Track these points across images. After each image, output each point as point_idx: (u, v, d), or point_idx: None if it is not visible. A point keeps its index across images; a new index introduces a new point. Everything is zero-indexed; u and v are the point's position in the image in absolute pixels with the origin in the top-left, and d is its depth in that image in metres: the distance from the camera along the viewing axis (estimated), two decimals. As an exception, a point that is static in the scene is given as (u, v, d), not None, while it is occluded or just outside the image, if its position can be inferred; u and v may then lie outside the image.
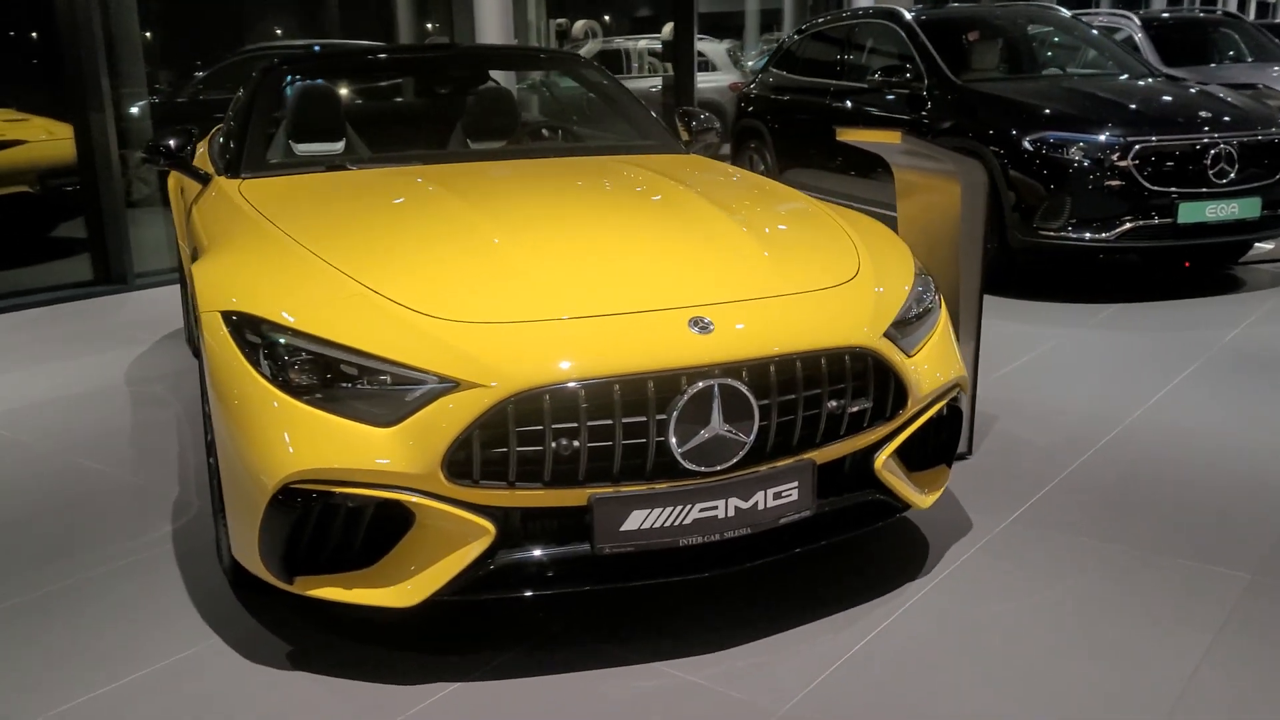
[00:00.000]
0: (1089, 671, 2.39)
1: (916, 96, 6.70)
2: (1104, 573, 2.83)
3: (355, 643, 2.52)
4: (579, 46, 17.33)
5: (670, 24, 19.95)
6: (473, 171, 3.51)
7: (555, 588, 2.37)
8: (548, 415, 2.23)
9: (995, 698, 2.30)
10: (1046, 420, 3.96)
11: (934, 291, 2.92)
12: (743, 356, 2.35)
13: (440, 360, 2.26)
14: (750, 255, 2.71)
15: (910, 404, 2.62)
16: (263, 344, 2.37)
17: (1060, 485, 3.38)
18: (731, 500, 2.36)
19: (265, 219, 2.90)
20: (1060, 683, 2.35)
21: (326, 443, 2.26)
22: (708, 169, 3.72)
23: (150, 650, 2.52)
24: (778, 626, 2.55)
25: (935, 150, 3.40)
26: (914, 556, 2.91)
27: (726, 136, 10.70)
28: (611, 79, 4.44)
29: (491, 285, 2.49)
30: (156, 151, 3.63)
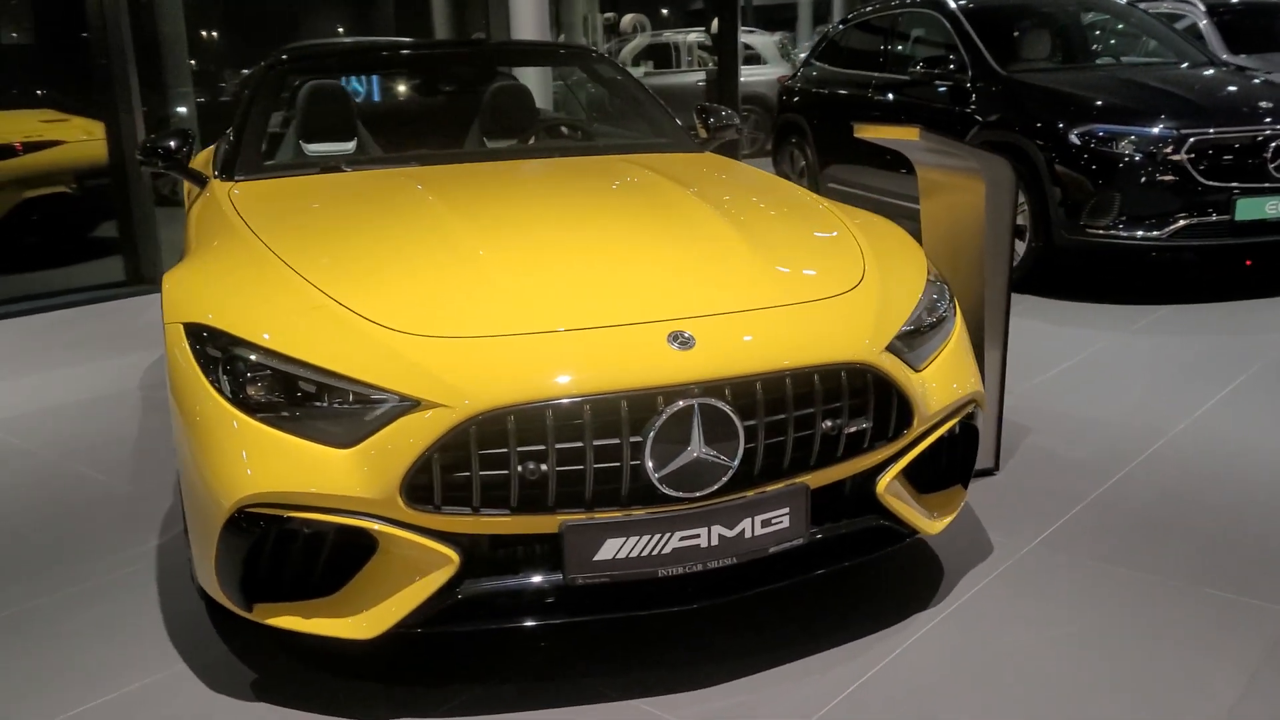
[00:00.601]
0: (1111, 713, 2.19)
1: (960, 89, 6.45)
2: (1132, 604, 2.61)
3: (321, 672, 2.39)
4: (627, 41, 17.20)
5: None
6: (471, 173, 3.37)
7: (525, 620, 2.22)
8: (513, 437, 2.08)
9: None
10: (1082, 433, 3.73)
11: (949, 299, 2.72)
12: (726, 374, 2.18)
13: (401, 378, 2.12)
14: (744, 264, 2.53)
15: (916, 423, 2.43)
16: (222, 359, 2.25)
17: (1091, 505, 3.16)
18: (715, 528, 2.19)
19: (246, 225, 2.78)
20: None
21: (282, 464, 2.14)
22: (717, 169, 3.55)
23: (116, 675, 2.42)
24: (768, 661, 2.38)
25: (958, 147, 3.19)
26: (925, 583, 2.72)
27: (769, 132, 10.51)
28: (626, 75, 4.28)
29: (464, 299, 2.34)
30: (153, 153, 3.54)
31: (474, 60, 4.58)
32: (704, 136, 4.01)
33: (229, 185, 3.28)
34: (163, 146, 3.56)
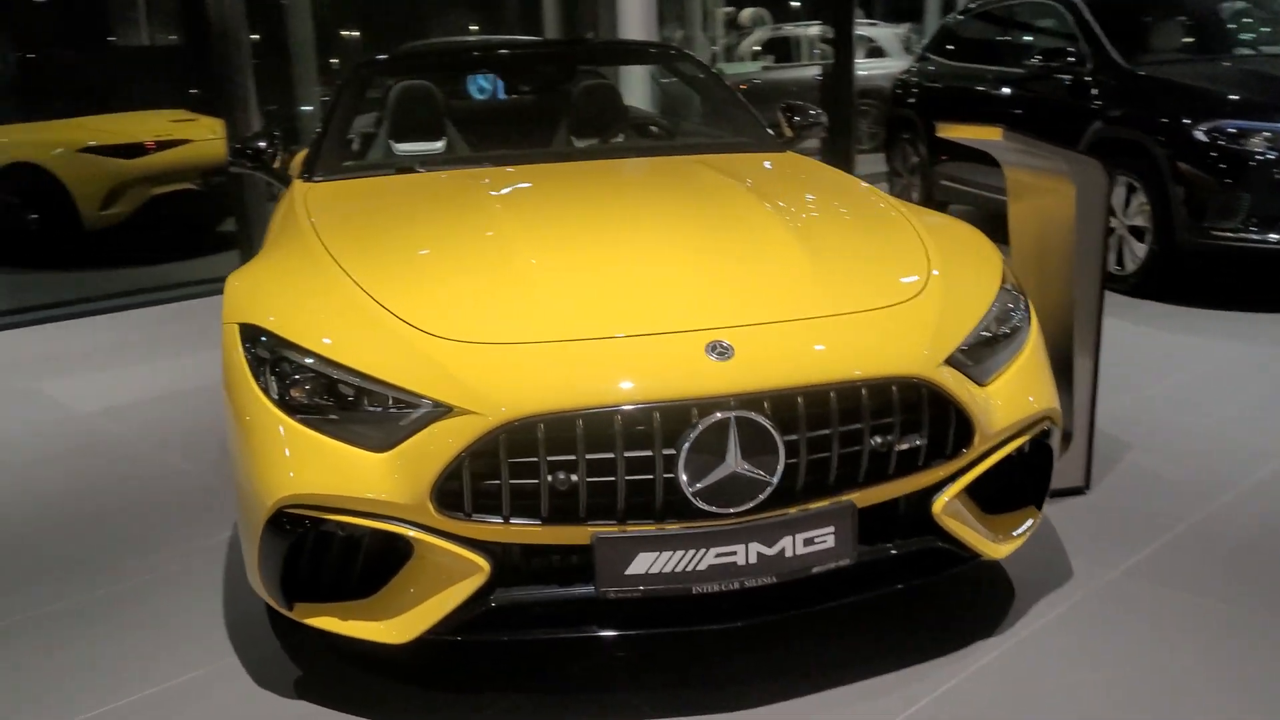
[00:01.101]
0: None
1: (1079, 83, 6.14)
2: (1220, 641, 2.42)
3: (363, 673, 2.40)
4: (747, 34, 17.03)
5: (846, 9, 19.35)
6: (540, 174, 3.35)
7: (557, 632, 2.17)
8: (542, 446, 2.04)
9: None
10: (1187, 452, 3.49)
11: (1024, 310, 2.57)
12: (765, 386, 2.09)
13: (434, 384, 2.10)
14: (798, 273, 2.43)
15: (978, 441, 2.29)
16: (271, 360, 2.27)
17: (1188, 532, 2.94)
18: (753, 545, 2.11)
19: (311, 226, 2.81)
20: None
21: (320, 467, 2.14)
22: (791, 170, 3.43)
23: (168, 666, 2.47)
24: (811, 686, 2.28)
25: (1045, 148, 3.01)
26: (993, 609, 2.58)
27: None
28: (710, 73, 4.19)
29: (505, 305, 2.31)
30: (242, 154, 3.63)
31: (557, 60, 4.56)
32: (788, 135, 3.91)
33: (307, 186, 3.33)
34: (252, 148, 3.65)
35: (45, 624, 2.70)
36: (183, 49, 9.99)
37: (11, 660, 2.55)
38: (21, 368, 5.16)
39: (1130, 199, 5.68)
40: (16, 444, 4.08)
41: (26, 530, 3.30)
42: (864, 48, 15.20)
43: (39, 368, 5.13)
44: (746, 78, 15.24)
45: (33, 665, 2.52)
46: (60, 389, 4.75)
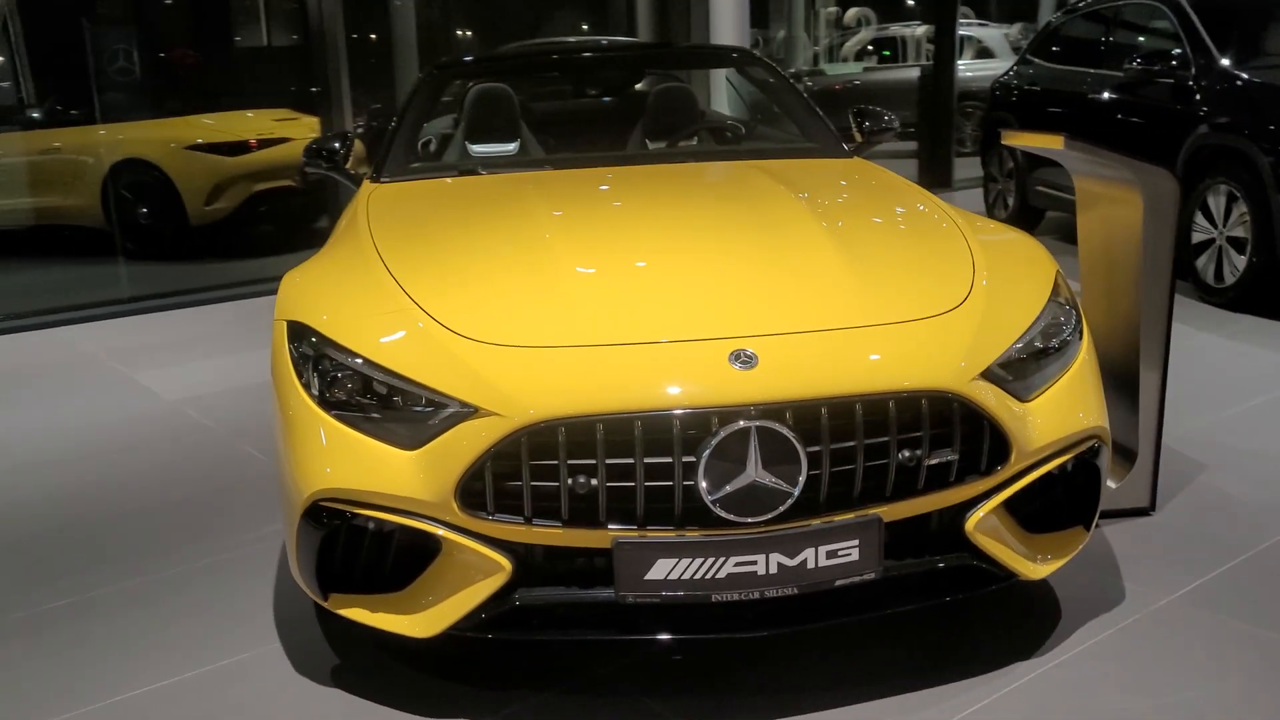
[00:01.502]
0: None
1: (1182, 87, 5.92)
2: (1269, 672, 2.31)
3: (398, 664, 2.46)
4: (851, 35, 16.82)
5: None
6: (596, 178, 3.37)
7: (577, 634, 2.20)
8: (563, 449, 2.06)
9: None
10: (1264, 477, 3.34)
11: (1075, 323, 2.49)
12: (788, 396, 2.07)
13: (462, 385, 2.14)
14: (834, 283, 2.40)
15: (1014, 458, 2.24)
16: (314, 357, 2.34)
17: (1255, 559, 2.82)
18: (774, 556, 2.09)
19: (368, 227, 2.89)
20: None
21: (353, 462, 2.20)
22: (851, 177, 3.38)
23: (214, 649, 2.57)
24: (836, 700, 2.26)
25: (1112, 156, 2.91)
26: (1036, 631, 2.51)
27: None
28: (780, 77, 4.16)
29: (538, 309, 2.33)
30: (317, 154, 3.74)
31: (628, 63, 4.58)
32: (858, 140, 3.86)
33: (373, 187, 3.41)
34: (326, 148, 3.76)
35: (109, 602, 2.83)
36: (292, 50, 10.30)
37: (77, 634, 2.68)
38: (121, 355, 5.40)
39: (1231, 209, 5.45)
40: (107, 429, 4.27)
41: (107, 513, 3.45)
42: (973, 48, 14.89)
43: (136, 356, 5.36)
44: (847, 78, 15.06)
45: (95, 641, 2.64)
46: (153, 377, 4.96)
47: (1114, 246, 3.05)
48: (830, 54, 16.99)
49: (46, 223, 8.24)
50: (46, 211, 8.21)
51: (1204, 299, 5.60)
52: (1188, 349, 4.81)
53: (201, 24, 10.29)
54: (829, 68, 16.15)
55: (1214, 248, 5.57)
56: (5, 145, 8.33)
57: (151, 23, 9.79)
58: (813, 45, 17.11)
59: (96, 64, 8.16)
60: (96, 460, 3.92)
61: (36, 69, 8.70)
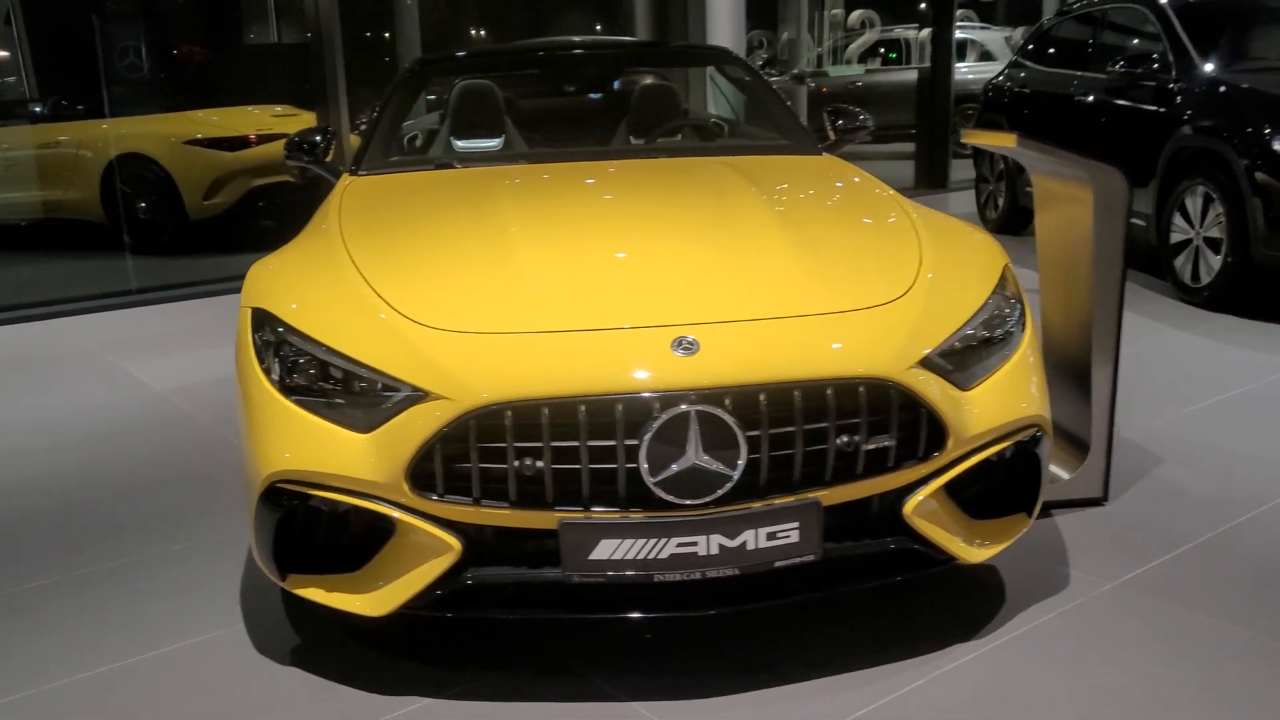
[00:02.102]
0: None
1: (1162, 90, 5.98)
2: (1208, 658, 2.38)
3: (356, 644, 2.53)
4: (855, 37, 16.87)
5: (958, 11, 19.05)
6: (567, 172, 3.44)
7: (524, 612, 2.27)
8: (510, 433, 2.13)
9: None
10: (1224, 469, 3.40)
11: (1019, 317, 2.56)
12: (726, 382, 2.14)
13: (413, 370, 2.22)
14: (780, 273, 2.47)
15: (951, 445, 2.31)
16: (274, 343, 2.41)
17: (1200, 548, 2.89)
18: (714, 537, 2.17)
19: (337, 218, 2.96)
20: (1081, 788, 2.00)
21: (309, 445, 2.28)
22: (815, 173, 3.44)
23: (180, 629, 2.64)
24: (779, 679, 2.33)
25: (1064, 155, 2.97)
26: (978, 614, 2.58)
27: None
28: (757, 76, 4.23)
29: (490, 296, 2.41)
30: (298, 148, 3.82)
31: (608, 62, 4.65)
32: (831, 139, 3.93)
33: (350, 179, 3.49)
34: (308, 142, 3.84)
35: (84, 583, 2.92)
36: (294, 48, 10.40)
37: (49, 614, 2.76)
38: (113, 347, 5.49)
39: (1208, 210, 5.51)
40: (96, 416, 4.36)
41: (90, 495, 3.54)
42: (976, 51, 14.95)
43: (128, 347, 5.45)
44: (850, 80, 15.13)
45: (66, 621, 2.72)
46: (143, 367, 5.05)
47: (1069, 244, 3.11)
48: (834, 55, 17.05)
49: (47, 216, 8.36)
50: (47, 205, 8.33)
51: (1182, 298, 5.67)
52: (1161, 347, 4.88)
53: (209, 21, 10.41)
54: (832, 70, 16.21)
55: (1191, 248, 5.63)
56: (7, 139, 8.44)
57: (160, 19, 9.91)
58: (816, 46, 17.16)
59: (105, 60, 8.27)
60: (81, 447, 4.01)
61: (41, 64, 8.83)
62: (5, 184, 8.34)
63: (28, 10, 8.87)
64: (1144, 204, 6.04)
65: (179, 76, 9.65)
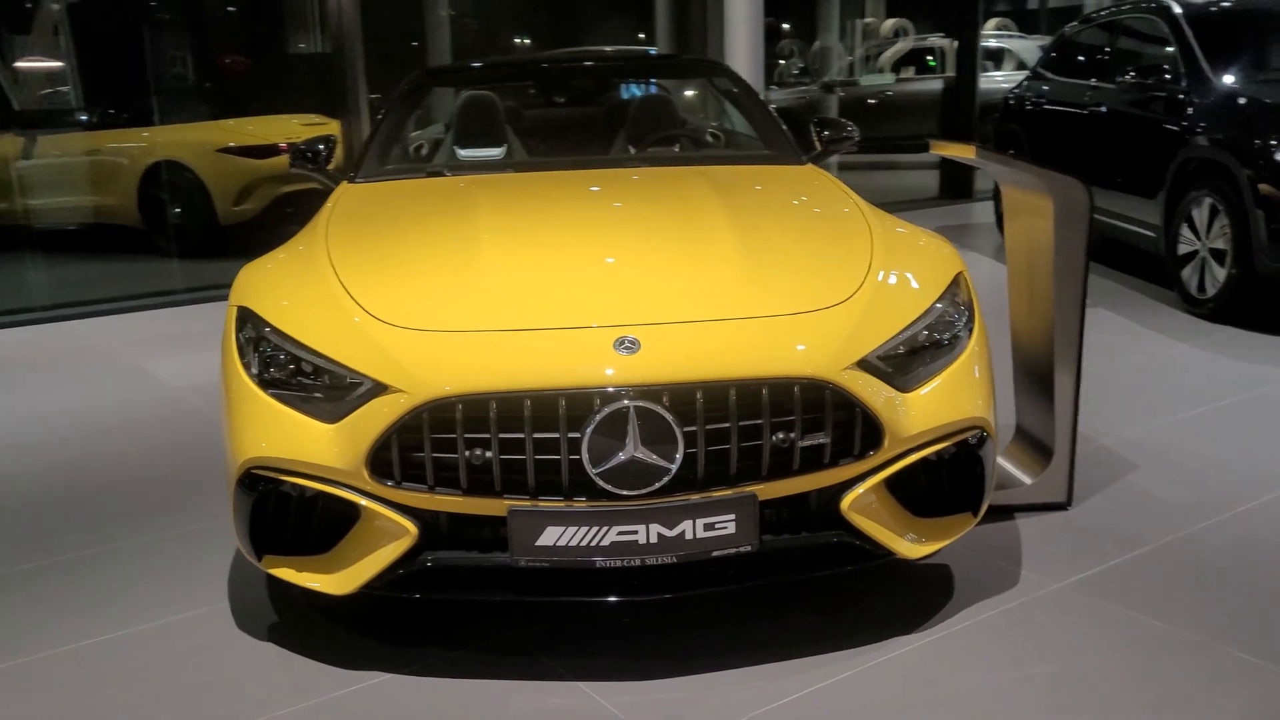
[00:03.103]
0: (1039, 764, 2.10)
1: (1173, 101, 6.00)
2: (1137, 653, 2.46)
3: (329, 623, 2.68)
4: (887, 46, 16.89)
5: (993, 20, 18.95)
6: (547, 180, 3.57)
7: (476, 594, 2.41)
8: (460, 424, 2.27)
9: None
10: (1194, 478, 3.45)
11: (966, 322, 2.65)
12: (663, 380, 2.26)
13: (376, 364, 2.36)
14: (727, 277, 2.59)
15: (888, 444, 2.40)
16: (255, 339, 2.57)
17: (1153, 552, 2.95)
18: (653, 526, 2.29)
19: (326, 223, 3.12)
20: (993, 771, 2.09)
21: (280, 434, 2.43)
22: (788, 182, 3.54)
23: (166, 606, 2.80)
24: (719, 664, 2.44)
25: (1023, 166, 3.06)
26: (921, 607, 2.67)
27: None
28: (744, 87, 4.34)
29: (451, 297, 2.56)
30: (302, 155, 3.99)
31: (603, 73, 4.79)
32: (817, 149, 4.02)
33: (346, 186, 3.65)
34: (311, 150, 4.01)
35: (80, 564, 3.09)
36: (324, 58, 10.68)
37: (43, 591, 2.93)
38: (135, 346, 5.71)
39: (1214, 221, 5.53)
40: (112, 411, 4.56)
41: (100, 483, 3.73)
42: (1013, 61, 14.92)
43: (149, 347, 5.67)
44: (880, 89, 15.16)
45: (58, 598, 2.90)
46: (161, 366, 5.25)
47: (1032, 252, 3.19)
48: (867, 64, 17.08)
49: (88, 221, 8.65)
50: (87, 210, 8.62)
51: (1188, 310, 5.68)
52: (1158, 357, 4.92)
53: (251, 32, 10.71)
54: (863, 79, 16.24)
55: (1198, 260, 5.65)
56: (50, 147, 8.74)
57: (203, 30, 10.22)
58: (848, 55, 17.20)
59: (152, 69, 8.55)
60: (94, 439, 4.20)
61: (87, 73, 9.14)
62: (50, 189, 8.63)
63: (74, 22, 9.19)
64: (1153, 215, 6.07)
65: (222, 85, 9.94)
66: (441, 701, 2.35)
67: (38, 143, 8.55)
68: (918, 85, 14.55)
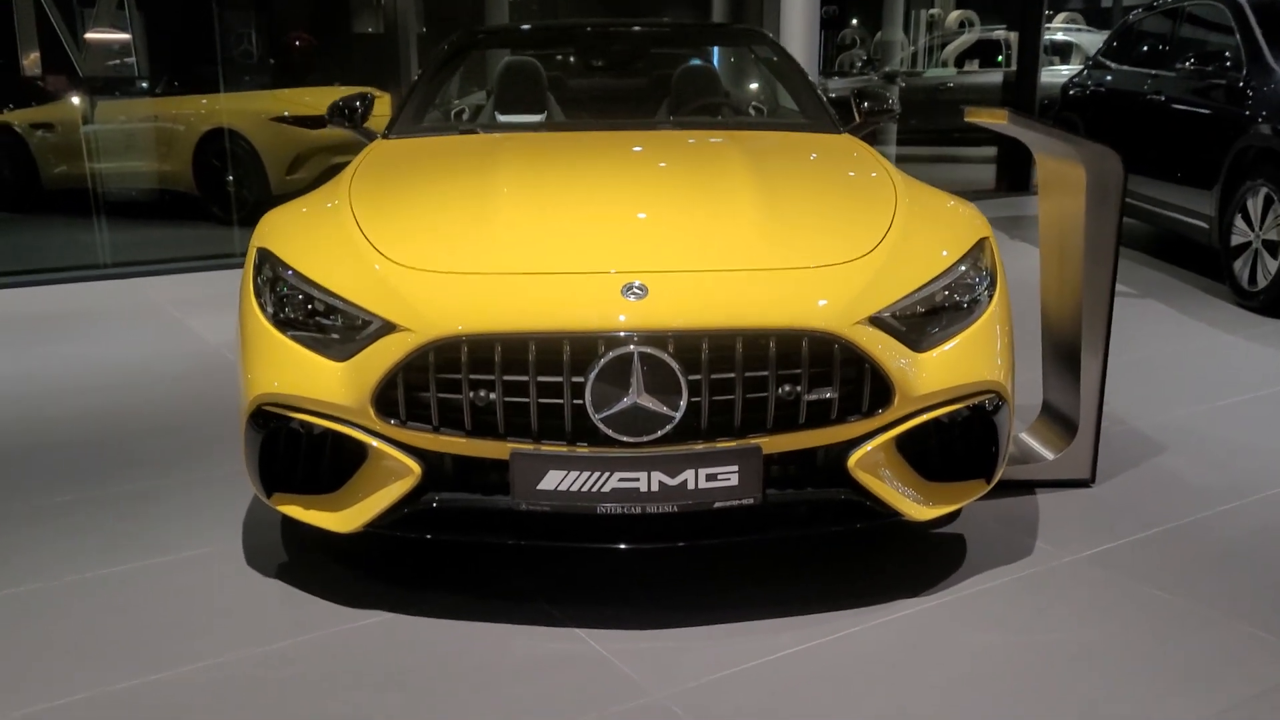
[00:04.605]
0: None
1: (1233, 88, 5.85)
2: (1146, 625, 2.40)
3: (337, 564, 2.71)
4: (952, 37, 16.65)
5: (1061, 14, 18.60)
6: (578, 139, 3.57)
7: (479, 537, 2.41)
8: (465, 365, 2.27)
9: (897, 731, 2.05)
10: (1224, 463, 3.37)
11: (990, 287, 2.60)
12: (669, 326, 2.25)
13: (385, 304, 2.38)
14: (744, 230, 2.57)
15: (898, 402, 2.37)
16: (272, 279, 2.60)
17: (1174, 531, 2.88)
18: (655, 475, 2.28)
19: (353, 173, 3.14)
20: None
21: (291, 371, 2.45)
22: (822, 149, 3.50)
23: (179, 544, 2.85)
24: (720, 616, 2.42)
25: (1058, 133, 2.99)
26: (933, 573, 2.63)
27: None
28: (784, 55, 4.30)
29: (467, 240, 2.56)
30: (339, 112, 4.03)
31: (643, 39, 4.77)
32: (857, 120, 3.98)
33: (380, 142, 3.68)
34: (349, 107, 4.04)
35: (105, 502, 3.15)
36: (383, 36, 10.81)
37: (76, 524, 3.00)
38: (179, 305, 5.82)
39: (1268, 212, 5.38)
40: (151, 363, 4.66)
41: (134, 429, 3.80)
42: (1081, 55, 14.65)
43: (195, 306, 5.77)
44: (941, 81, 14.96)
45: (79, 532, 2.95)
46: (202, 324, 5.34)
47: (1064, 227, 3.13)
48: (930, 55, 16.87)
49: (145, 186, 8.82)
50: (145, 175, 8.78)
51: (1239, 303, 5.54)
52: (1201, 346, 4.81)
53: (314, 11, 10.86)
54: (927, 71, 16.05)
55: (1250, 251, 5.50)
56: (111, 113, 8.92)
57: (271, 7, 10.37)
58: (911, 46, 16.99)
59: (220, 43, 8.69)
60: (132, 389, 4.29)
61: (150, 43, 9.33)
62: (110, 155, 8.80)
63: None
64: (1207, 206, 5.93)
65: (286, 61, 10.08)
66: (439, 641, 2.36)
67: (98, 108, 8.75)
68: (979, 78, 14.33)
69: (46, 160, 8.85)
